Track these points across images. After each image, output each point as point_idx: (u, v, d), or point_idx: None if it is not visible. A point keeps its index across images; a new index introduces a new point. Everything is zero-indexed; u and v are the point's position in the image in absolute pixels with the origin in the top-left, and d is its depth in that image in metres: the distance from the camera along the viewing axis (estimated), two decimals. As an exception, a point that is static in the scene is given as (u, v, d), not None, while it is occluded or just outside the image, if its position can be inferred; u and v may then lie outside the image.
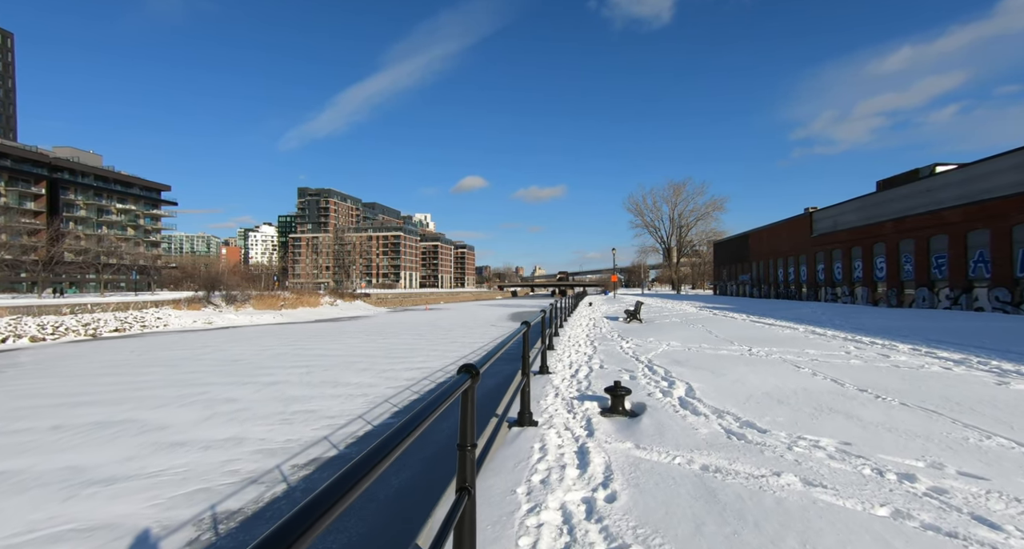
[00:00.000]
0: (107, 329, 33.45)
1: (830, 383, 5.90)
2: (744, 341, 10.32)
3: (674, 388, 5.80)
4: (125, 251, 56.53)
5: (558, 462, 3.47)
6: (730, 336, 11.32)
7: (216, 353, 22.89)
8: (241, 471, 8.01)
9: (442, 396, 1.48)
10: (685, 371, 6.92)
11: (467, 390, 1.75)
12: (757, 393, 5.45)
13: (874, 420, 4.34)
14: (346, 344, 26.09)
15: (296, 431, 10.37)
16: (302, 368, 18.40)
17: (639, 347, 10.00)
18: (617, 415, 4.74)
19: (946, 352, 8.08)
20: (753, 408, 4.85)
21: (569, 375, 6.92)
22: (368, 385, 15.20)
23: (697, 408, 4.89)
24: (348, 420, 11.21)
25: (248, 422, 11.08)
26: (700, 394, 5.49)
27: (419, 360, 20.15)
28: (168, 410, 12.11)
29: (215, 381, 15.88)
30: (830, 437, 3.88)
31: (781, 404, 4.95)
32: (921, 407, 4.75)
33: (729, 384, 5.98)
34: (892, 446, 3.69)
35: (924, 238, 17.87)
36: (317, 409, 12.22)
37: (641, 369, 7.29)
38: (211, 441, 9.61)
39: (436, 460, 8.32)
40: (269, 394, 13.99)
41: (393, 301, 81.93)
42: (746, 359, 7.92)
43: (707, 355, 8.53)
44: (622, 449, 3.72)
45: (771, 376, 6.38)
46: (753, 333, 11.79)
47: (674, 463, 3.40)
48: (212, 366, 18.97)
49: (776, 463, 3.37)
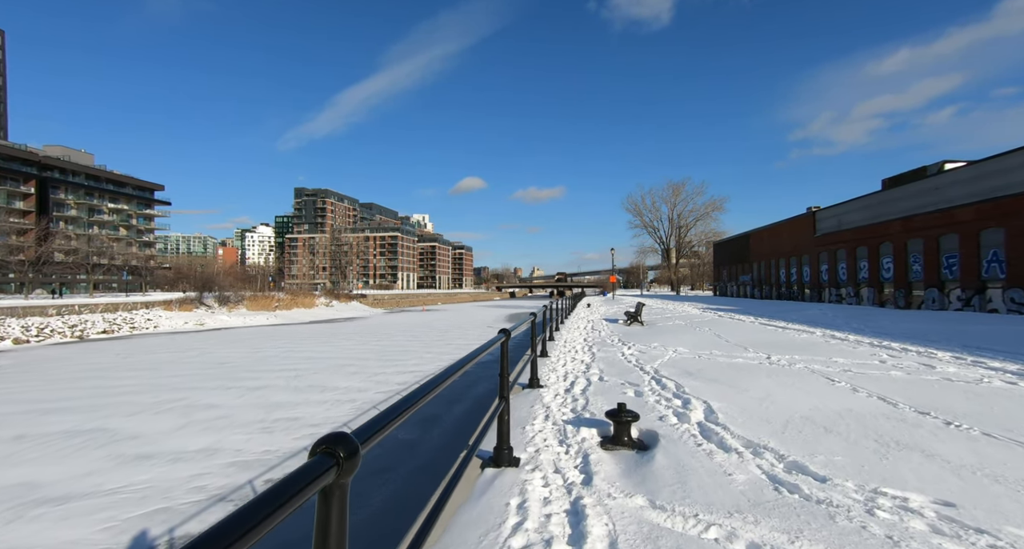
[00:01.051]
0: (95, 331, 32.71)
1: (879, 403, 4.91)
2: (759, 347, 9.52)
3: (690, 409, 4.81)
4: (117, 251, 55.67)
5: (541, 533, 2.45)
6: (742, 341, 10.53)
7: (203, 356, 22.20)
8: (209, 487, 7.35)
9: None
10: (700, 385, 5.97)
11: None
12: (794, 417, 4.44)
13: (963, 461, 3.32)
14: (338, 346, 25.43)
15: (275, 441, 9.72)
16: (290, 372, 17.74)
17: (643, 354, 9.13)
18: (622, 447, 3.77)
19: (997, 361, 7.18)
20: (796, 440, 3.81)
21: (563, 389, 5.99)
22: (357, 390, 14.55)
23: (724, 439, 3.83)
24: (332, 428, 10.52)
25: (226, 431, 10.42)
26: (724, 418, 4.45)
27: (412, 363, 19.51)
28: (143, 417, 11.44)
29: (198, 386, 15.21)
30: (918, 491, 2.86)
31: (830, 434, 3.94)
32: (1015, 439, 3.75)
33: (756, 403, 5.00)
34: (1017, 511, 2.63)
35: (933, 237, 17.30)
36: (301, 416, 11.57)
37: (647, 382, 6.34)
38: (182, 452, 8.94)
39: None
40: (252, 400, 13.32)
41: (390, 302, 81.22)
42: (767, 369, 7.02)
43: (721, 364, 7.66)
44: (631, 508, 2.73)
45: (804, 392, 5.46)
46: (766, 337, 11.02)
47: (708, 538, 2.38)
48: (197, 370, 18.29)
49: (861, 543, 2.32)
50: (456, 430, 10.04)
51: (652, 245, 64.60)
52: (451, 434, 9.80)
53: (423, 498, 2.66)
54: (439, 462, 8.01)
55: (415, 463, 8.36)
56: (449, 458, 3.52)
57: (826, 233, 25.17)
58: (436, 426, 10.40)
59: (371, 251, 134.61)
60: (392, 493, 7.06)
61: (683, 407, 4.90)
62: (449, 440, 9.41)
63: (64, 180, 56.38)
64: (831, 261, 24.67)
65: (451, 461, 3.08)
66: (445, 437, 9.67)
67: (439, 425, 10.47)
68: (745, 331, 12.47)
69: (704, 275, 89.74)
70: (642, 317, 16.31)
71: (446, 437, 9.65)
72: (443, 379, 1.88)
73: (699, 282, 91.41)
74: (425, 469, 7.97)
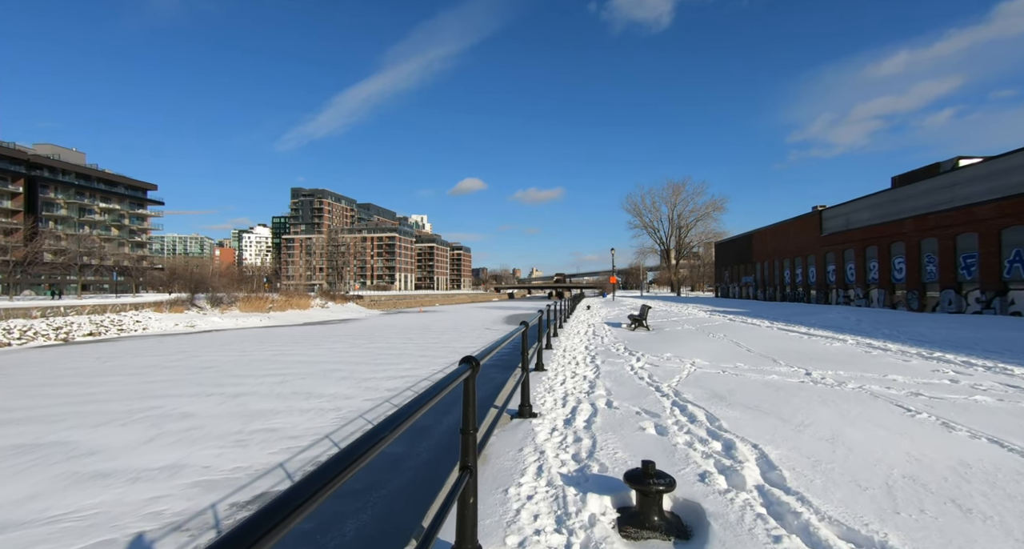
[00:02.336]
0: (80, 333, 31.81)
1: (1000, 450, 3.58)
2: (790, 358, 8.32)
3: (738, 460, 3.44)
4: (109, 252, 54.62)
5: None
6: (767, 350, 9.39)
7: (189, 359, 21.35)
8: (166, 513, 6.53)
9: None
10: (739, 417, 4.63)
11: None
12: (894, 476, 3.13)
13: None
14: (330, 349, 24.59)
15: (249, 456, 8.89)
16: (276, 376, 16.91)
17: (656, 368, 7.86)
18: (651, 534, 2.51)
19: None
20: (924, 528, 2.47)
21: (563, 421, 4.71)
22: (344, 397, 13.73)
23: (810, 525, 2.48)
24: (312, 441, 9.73)
25: (197, 444, 9.60)
26: (792, 477, 3.10)
27: (405, 367, 18.70)
28: (109, 429, 10.60)
29: (176, 392, 14.38)
30: None
31: (970, 517, 2.58)
32: None
33: (826, 449, 3.66)
34: None
35: (950, 236, 16.54)
36: (280, 427, 10.75)
37: (669, 410, 5.05)
38: (143, 470, 8.12)
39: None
40: (231, 408, 12.50)
41: (387, 303, 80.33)
42: (816, 392, 5.66)
43: (753, 383, 6.35)
44: None
45: (882, 429, 4.11)
46: (793, 346, 9.86)
47: None
48: (179, 374, 17.45)
49: None
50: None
51: (652, 246, 63.86)
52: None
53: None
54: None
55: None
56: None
57: (833, 233, 24.42)
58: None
59: (368, 252, 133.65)
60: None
61: (726, 454, 3.61)
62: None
63: (54, 179, 55.33)
64: (839, 261, 23.92)
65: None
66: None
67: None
68: (765, 338, 11.37)
69: (704, 276, 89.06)
70: (647, 321, 15.47)
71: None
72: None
73: (699, 283, 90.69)
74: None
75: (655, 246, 63.62)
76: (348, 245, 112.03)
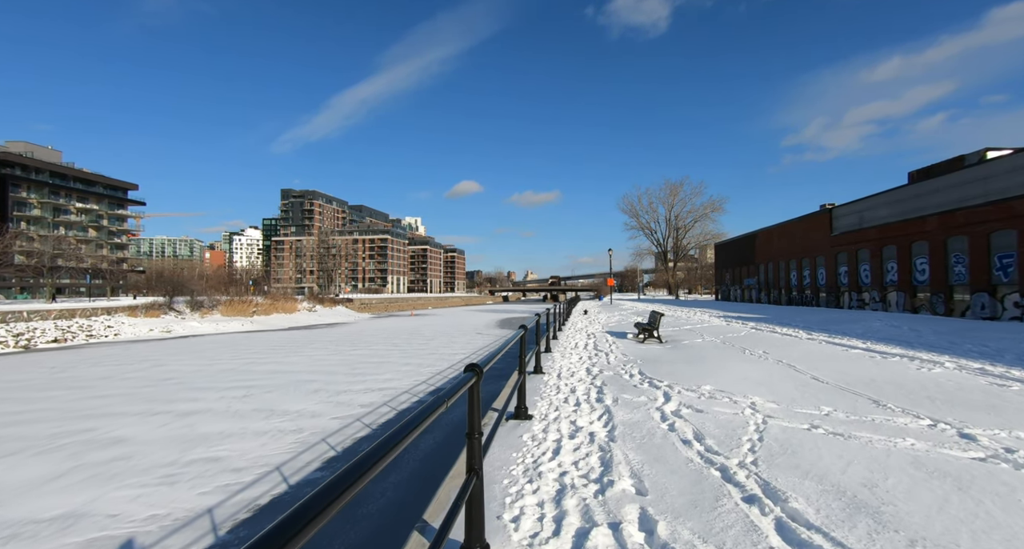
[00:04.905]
0: (44, 340, 29.80)
1: None
2: (894, 397, 5.71)
3: None
4: (86, 254, 52.37)
5: None
6: (844, 379, 6.78)
7: (151, 370, 19.54)
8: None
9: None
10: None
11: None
12: None
13: None
14: (308, 357, 22.83)
15: (172, 498, 7.19)
16: (241, 389, 15.19)
17: (702, 417, 5.00)
18: None
19: None
20: None
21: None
22: (310, 415, 12.05)
23: None
24: (257, 476, 8.04)
25: (115, 480, 7.88)
26: None
27: (386, 377, 17.03)
28: (16, 460, 8.86)
29: (118, 411, 12.62)
30: None
31: None
32: None
33: None
34: None
35: (982, 234, 15.11)
36: (224, 456, 9.05)
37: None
38: (29, 521, 6.40)
39: None
40: (175, 430, 10.77)
41: (378, 306, 78.43)
42: (1005, 485, 3.13)
43: (896, 464, 3.52)
44: None
45: None
46: (873, 372, 7.29)
47: None
48: (132, 388, 15.66)
49: None
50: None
51: (649, 247, 62.51)
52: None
53: None
54: None
55: None
56: None
57: (845, 232, 23.01)
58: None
59: (360, 254, 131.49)
60: None
61: None
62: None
63: (26, 178, 52.86)
64: (851, 262, 22.49)
65: None
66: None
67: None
68: (823, 357, 8.80)
69: (701, 278, 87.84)
70: (660, 330, 13.18)
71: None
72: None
73: (695, 286, 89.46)
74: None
75: (652, 248, 62.31)
76: (339, 247, 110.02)
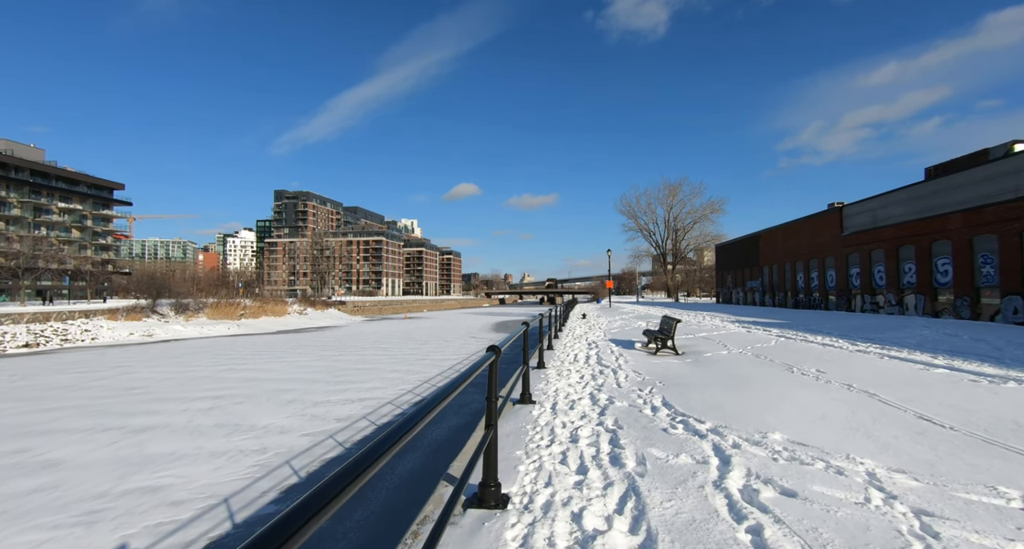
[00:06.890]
0: (14, 345, 28.33)
1: None
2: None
3: None
4: (69, 255, 50.73)
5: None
6: (972, 421, 4.80)
7: (118, 377, 18.16)
8: None
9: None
10: None
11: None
12: None
13: None
14: (290, 363, 21.49)
15: (83, 545, 5.89)
16: (208, 400, 13.88)
17: (803, 509, 2.89)
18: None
19: None
20: None
21: None
22: (278, 431, 10.75)
23: None
24: (196, 513, 6.73)
25: (23, 519, 6.57)
26: None
27: (370, 386, 15.73)
28: (-83, 491, 7.51)
29: (66, 426, 11.28)
30: None
31: None
32: None
33: None
34: None
35: (1015, 232, 13.98)
36: (167, 484, 7.74)
37: None
38: None
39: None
40: (119, 451, 9.45)
41: (371, 309, 76.99)
42: None
43: None
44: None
45: None
46: (1008, 408, 5.22)
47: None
48: (90, 399, 14.31)
49: None
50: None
51: (647, 249, 61.37)
52: None
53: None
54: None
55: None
56: None
57: (857, 231, 21.89)
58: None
59: (354, 256, 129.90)
60: None
61: None
62: None
63: (5, 176, 51.11)
64: (864, 263, 21.36)
65: None
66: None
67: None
68: (905, 383, 6.67)
69: (700, 281, 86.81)
70: (674, 339, 10.98)
71: None
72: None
73: (694, 288, 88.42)
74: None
75: (651, 250, 61.18)
76: (333, 249, 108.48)
